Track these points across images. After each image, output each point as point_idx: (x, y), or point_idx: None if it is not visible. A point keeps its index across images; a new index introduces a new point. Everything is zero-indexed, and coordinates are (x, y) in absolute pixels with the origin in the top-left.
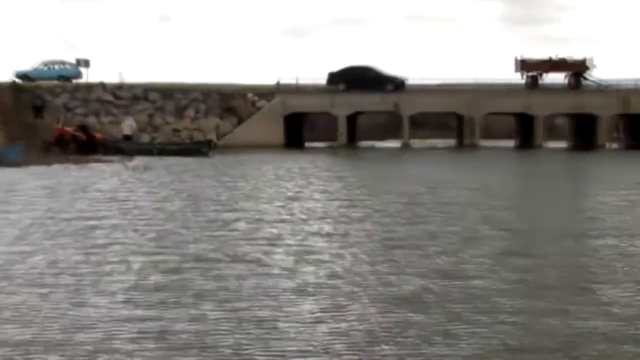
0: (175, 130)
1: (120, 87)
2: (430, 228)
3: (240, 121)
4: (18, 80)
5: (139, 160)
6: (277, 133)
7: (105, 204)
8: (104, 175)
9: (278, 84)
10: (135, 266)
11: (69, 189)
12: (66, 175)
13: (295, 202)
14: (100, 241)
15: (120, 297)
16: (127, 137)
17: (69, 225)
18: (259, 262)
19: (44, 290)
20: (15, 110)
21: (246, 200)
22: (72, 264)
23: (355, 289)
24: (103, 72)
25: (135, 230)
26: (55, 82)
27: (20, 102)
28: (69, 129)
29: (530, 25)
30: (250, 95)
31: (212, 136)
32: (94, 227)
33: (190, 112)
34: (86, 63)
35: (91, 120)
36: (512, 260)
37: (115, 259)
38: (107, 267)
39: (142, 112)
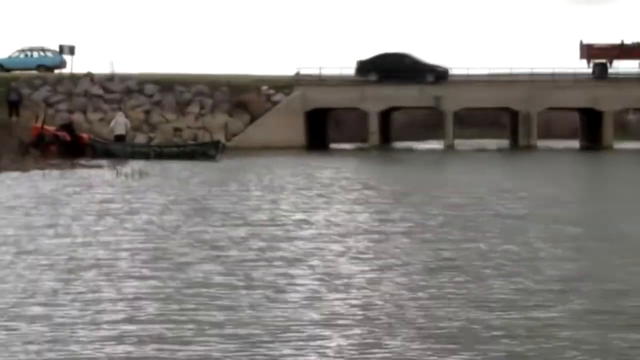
0: (177, 130)
1: (111, 78)
2: (483, 247)
3: (253, 119)
4: None
5: (133, 165)
6: (296, 132)
7: (91, 218)
8: (91, 183)
9: (297, 74)
10: (128, 293)
11: (48, 200)
12: (45, 183)
13: (319, 216)
14: (85, 263)
15: (109, 332)
16: (119, 138)
17: (45, 244)
18: (276, 288)
19: (18, 324)
20: None
21: (260, 214)
22: (49, 292)
23: (393, 322)
24: (91, 61)
25: (127, 250)
26: (34, 73)
27: None
28: (50, 128)
29: (598, 4)
30: (264, 88)
31: (220, 136)
32: (77, 246)
33: (194, 108)
34: (71, 50)
35: (77, 117)
36: (585, 287)
37: (104, 284)
38: (93, 295)
39: (137, 108)
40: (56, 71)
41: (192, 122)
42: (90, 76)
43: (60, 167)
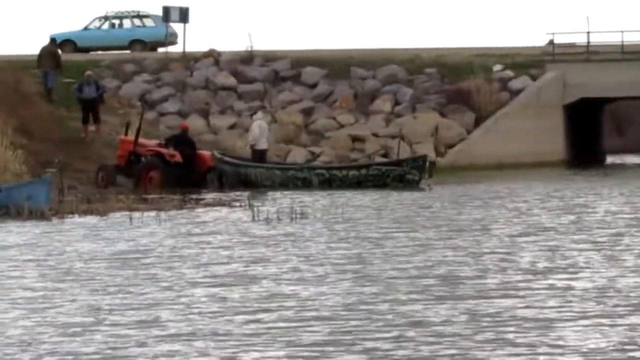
0: (356, 140)
1: (249, 59)
2: None
3: (479, 119)
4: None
5: (282, 201)
6: (551, 139)
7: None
8: (227, 238)
9: (551, 44)
10: None
11: (142, 272)
12: (141, 237)
13: None
14: None
15: None
16: (260, 155)
17: None
18: None
19: None
20: (46, 108)
21: (535, 281)
22: None
23: None
24: (212, 32)
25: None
26: (125, 54)
27: (54, 92)
28: (148, 142)
29: None
30: (497, 67)
31: (426, 149)
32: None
33: (384, 105)
34: (182, 15)
35: (193, 123)
36: None
37: None
38: None
39: (292, 105)
40: (160, 49)
41: (381, 126)
42: (215, 56)
43: (164, 207)
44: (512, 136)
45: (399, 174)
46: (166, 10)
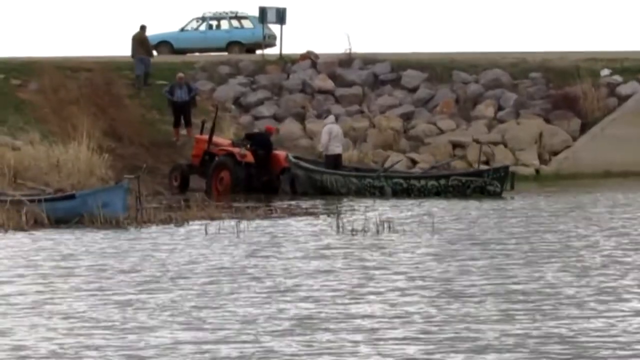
0: (457, 146)
1: (348, 61)
2: None
3: (585, 126)
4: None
5: (365, 211)
6: None
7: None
8: (293, 242)
9: None
10: None
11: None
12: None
13: None
14: None
15: None
16: (334, 160)
17: None
18: None
19: None
20: (137, 110)
21: None
22: None
23: None
24: (310, 34)
25: None
26: (220, 55)
27: (146, 96)
28: (223, 141)
29: None
30: (604, 72)
31: (529, 155)
32: None
33: (487, 110)
34: (279, 16)
35: (289, 127)
36: None
37: None
38: None
39: (392, 110)
40: (258, 52)
41: (483, 132)
42: (312, 58)
43: (245, 215)
44: (620, 144)
45: (480, 185)
46: (263, 10)
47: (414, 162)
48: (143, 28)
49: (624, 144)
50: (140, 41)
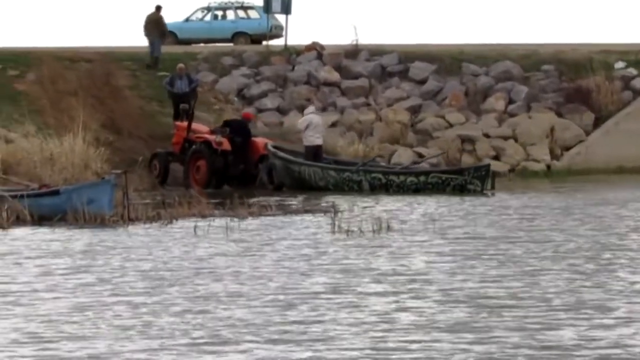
0: (466, 140)
1: (354, 52)
2: None
3: (598, 120)
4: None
5: (360, 207)
6: None
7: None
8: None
9: None
10: None
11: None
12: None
13: None
14: None
15: None
16: (314, 152)
17: None
18: None
19: None
20: (137, 102)
21: None
22: None
23: None
24: (315, 24)
25: None
26: (223, 46)
27: (147, 86)
28: (201, 128)
29: None
30: (618, 65)
31: (540, 150)
32: None
33: (497, 103)
34: (285, 5)
35: (294, 119)
36: None
37: None
38: None
39: (399, 102)
40: (263, 43)
41: (493, 126)
42: (318, 49)
43: (238, 213)
44: (634, 138)
45: (460, 184)
46: (267, 0)
47: (421, 157)
48: (159, 8)
49: (638, 139)
50: (155, 21)
